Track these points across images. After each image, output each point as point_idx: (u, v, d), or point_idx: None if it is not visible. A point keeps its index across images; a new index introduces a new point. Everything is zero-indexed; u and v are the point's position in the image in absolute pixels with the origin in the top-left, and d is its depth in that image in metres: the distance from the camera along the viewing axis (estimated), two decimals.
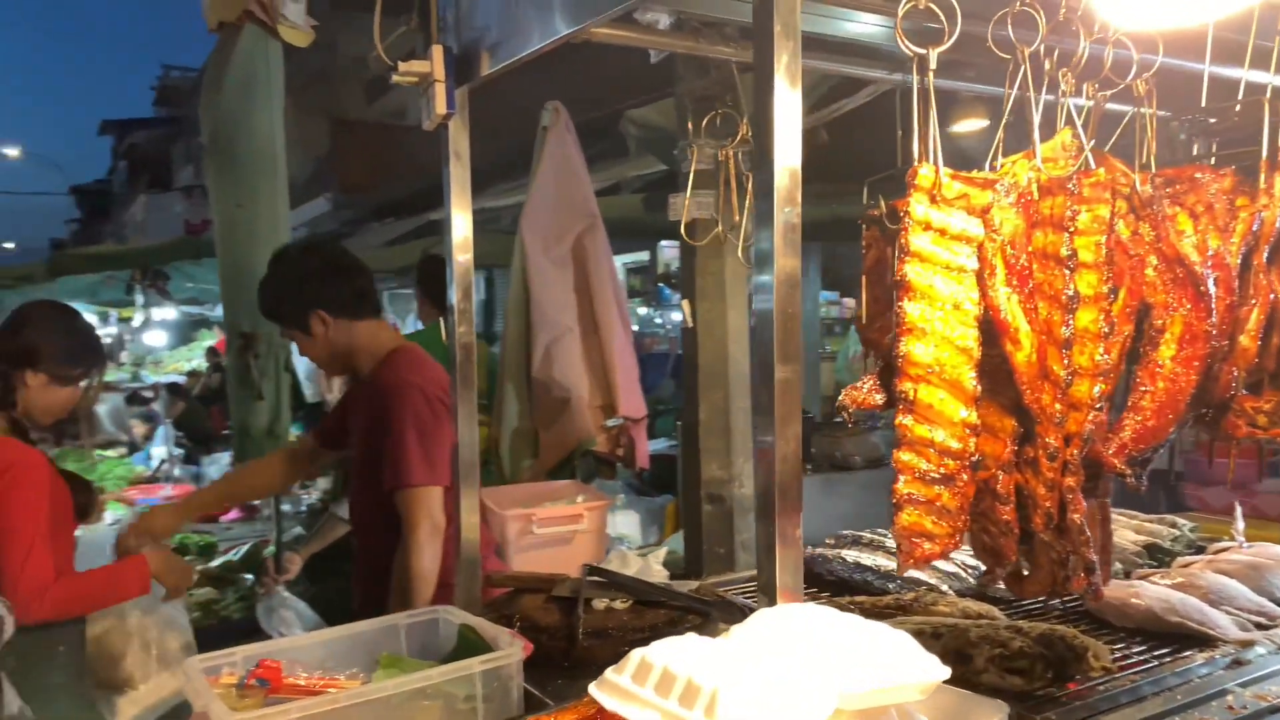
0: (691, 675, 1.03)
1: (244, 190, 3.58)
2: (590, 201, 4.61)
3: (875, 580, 2.33)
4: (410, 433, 2.58)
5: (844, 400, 1.40)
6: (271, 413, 3.59)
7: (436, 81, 2.00)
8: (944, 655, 1.75)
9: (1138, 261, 1.48)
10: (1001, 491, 1.38)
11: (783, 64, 1.25)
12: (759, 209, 1.26)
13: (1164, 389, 1.46)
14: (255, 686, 1.79)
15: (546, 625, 2.06)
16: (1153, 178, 1.56)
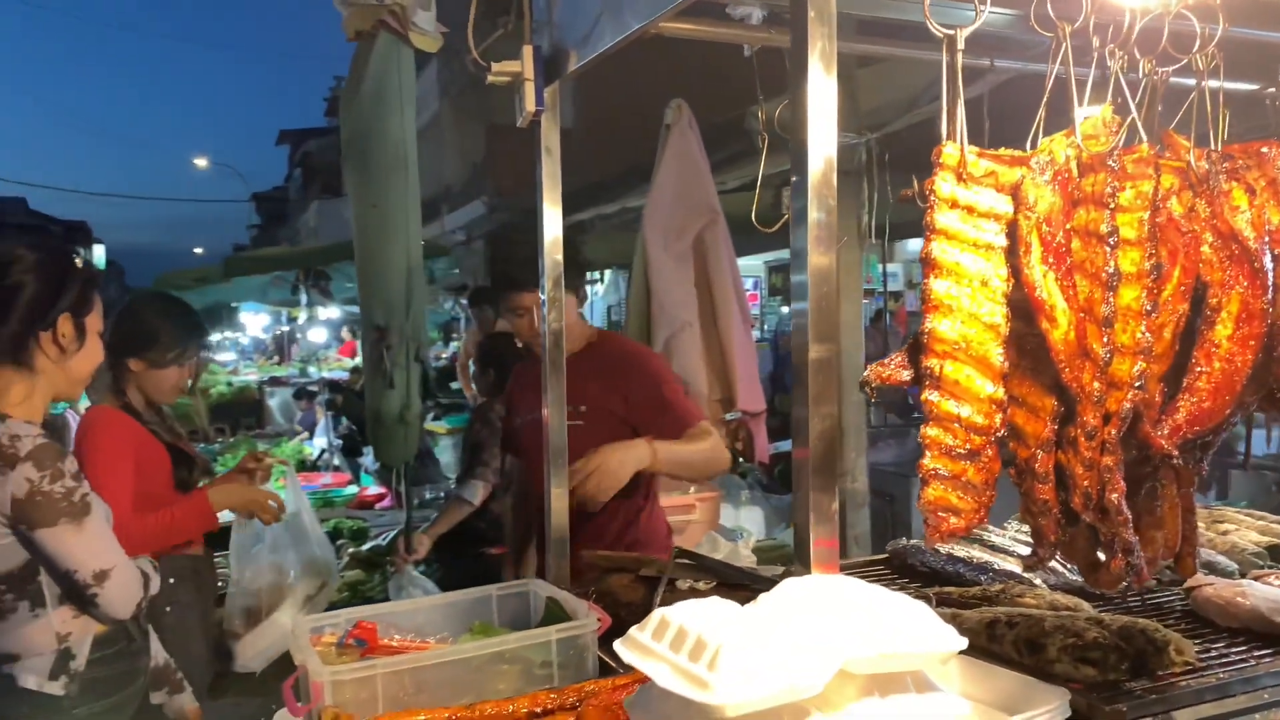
0: (701, 632, 1.08)
1: (378, 191, 3.79)
2: (711, 197, 4.66)
3: (967, 572, 2.30)
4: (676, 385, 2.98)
5: (868, 376, 1.41)
6: (402, 400, 3.79)
7: (526, 80, 2.11)
8: (1016, 644, 1.75)
9: (1192, 239, 1.43)
10: (1040, 471, 1.37)
11: (817, 50, 1.28)
12: (793, 189, 1.30)
13: (1220, 369, 1.40)
14: (353, 646, 1.93)
15: (628, 601, 2.13)
16: (1209, 153, 1.50)
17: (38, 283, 1.98)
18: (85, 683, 2.00)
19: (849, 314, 4.25)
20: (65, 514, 1.90)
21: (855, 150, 3.91)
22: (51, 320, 1.98)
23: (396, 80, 3.80)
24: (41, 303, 1.97)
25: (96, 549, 1.96)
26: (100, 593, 1.95)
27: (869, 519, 4.29)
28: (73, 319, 2.01)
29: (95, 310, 2.08)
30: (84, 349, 2.05)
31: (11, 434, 1.90)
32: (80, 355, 2.04)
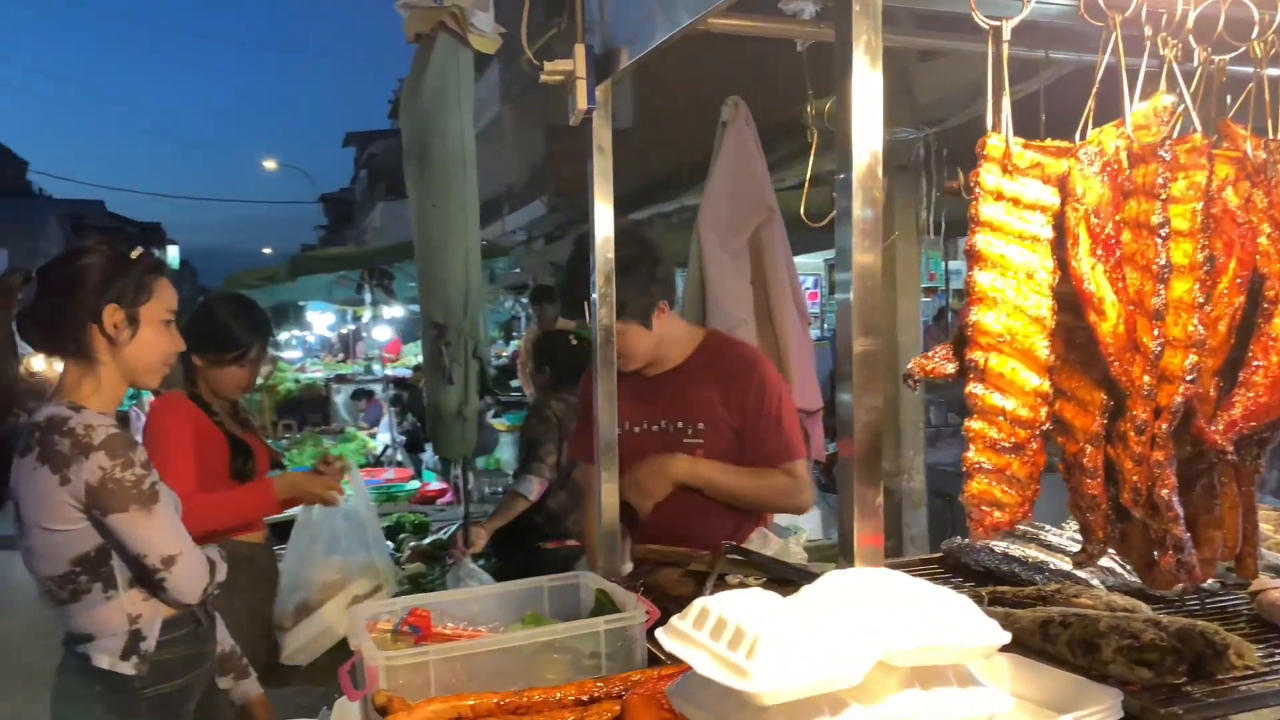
0: (741, 622, 1.09)
1: (437, 191, 3.86)
2: (768, 194, 4.64)
3: (1022, 571, 2.26)
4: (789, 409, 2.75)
5: (912, 368, 1.40)
6: (460, 396, 3.86)
7: (579, 79, 2.13)
8: (1070, 644, 1.73)
9: (1249, 230, 1.39)
10: (1089, 466, 1.35)
11: (862, 44, 1.28)
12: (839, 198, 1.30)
13: (1277, 363, 1.36)
14: (407, 633, 1.98)
15: (677, 595, 2.15)
16: (1267, 142, 1.45)
17: (90, 276, 2.05)
18: (155, 664, 2.07)
19: (906, 310, 4.20)
20: (135, 500, 1.98)
21: (913, 145, 3.87)
22: (99, 311, 2.05)
23: (455, 81, 3.86)
24: (92, 295, 2.04)
25: (164, 535, 2.03)
26: (168, 577, 2.02)
27: (926, 519, 4.24)
28: (122, 309, 2.07)
29: (156, 299, 2.12)
30: (139, 338, 2.09)
31: (86, 424, 1.97)
32: (136, 344, 2.09)
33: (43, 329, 2.07)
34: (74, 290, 2.04)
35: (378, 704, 1.52)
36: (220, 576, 2.22)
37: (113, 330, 2.05)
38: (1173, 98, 1.37)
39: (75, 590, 2.02)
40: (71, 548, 2.00)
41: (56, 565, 2.01)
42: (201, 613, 2.22)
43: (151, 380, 2.20)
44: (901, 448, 4.18)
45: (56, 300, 2.05)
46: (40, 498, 1.97)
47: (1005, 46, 1.30)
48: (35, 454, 1.97)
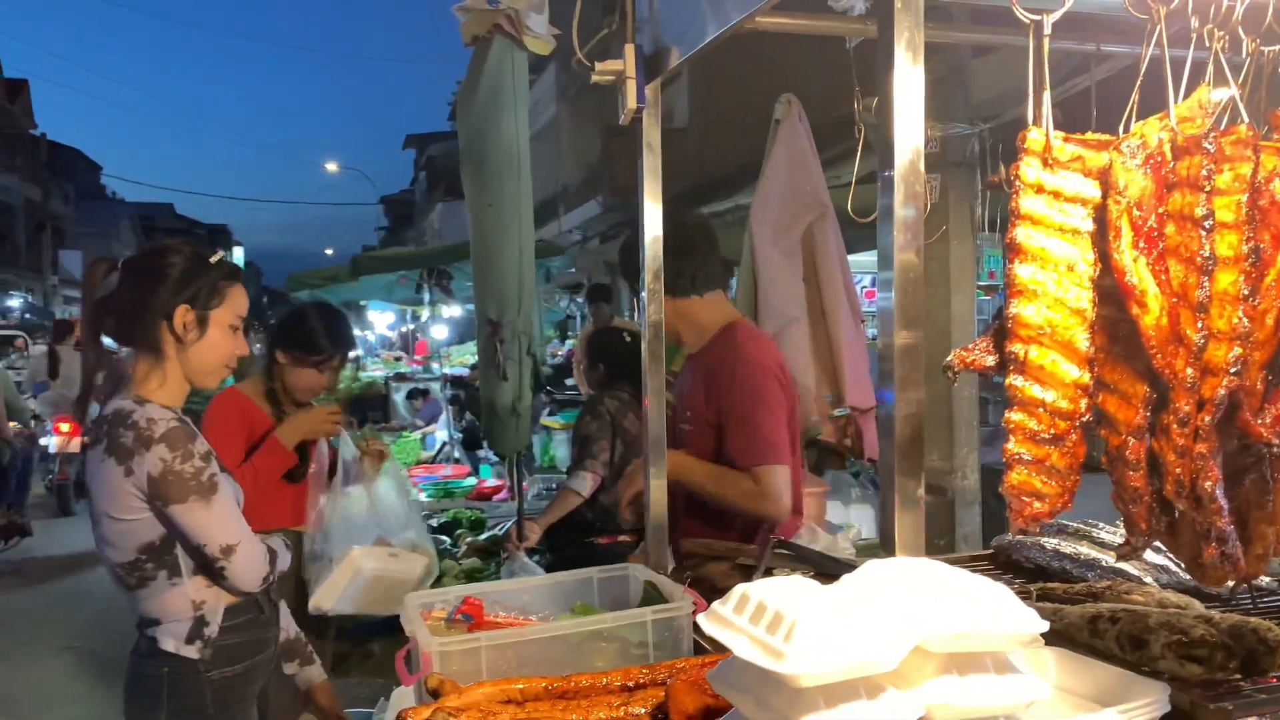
0: (780, 608, 1.11)
1: (493, 191, 3.92)
2: (822, 192, 4.64)
3: (1074, 568, 2.25)
4: (768, 412, 2.61)
5: (951, 360, 1.41)
6: (514, 392, 3.92)
7: (629, 78, 2.17)
8: (1119, 639, 1.72)
9: None
10: (1132, 458, 1.34)
11: (904, 41, 1.29)
12: (881, 182, 1.32)
13: None
14: (460, 621, 2.03)
15: (724, 588, 2.15)
16: None
17: (168, 276, 2.14)
18: (218, 648, 2.15)
19: (960, 308, 4.17)
20: (195, 492, 2.05)
21: (968, 141, 3.84)
22: (171, 310, 2.13)
23: (511, 83, 3.92)
24: (167, 294, 2.13)
25: (223, 525, 2.10)
26: (228, 566, 2.10)
27: (979, 517, 4.21)
28: (194, 311, 2.15)
29: (227, 305, 2.19)
30: (205, 339, 2.16)
31: (149, 417, 2.06)
32: (201, 345, 2.16)
33: (117, 319, 2.16)
34: (152, 286, 2.12)
35: (430, 687, 1.57)
36: (282, 565, 2.29)
37: (180, 329, 2.13)
38: (1219, 90, 1.37)
39: (142, 577, 2.10)
40: (137, 536, 2.08)
41: (125, 553, 2.09)
42: (264, 600, 2.29)
43: (209, 381, 2.27)
44: (955, 446, 4.15)
45: (134, 293, 2.14)
46: (107, 488, 2.05)
47: (1046, 41, 1.31)
48: (103, 446, 2.05)
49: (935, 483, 4.23)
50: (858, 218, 2.27)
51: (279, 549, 2.29)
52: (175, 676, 2.12)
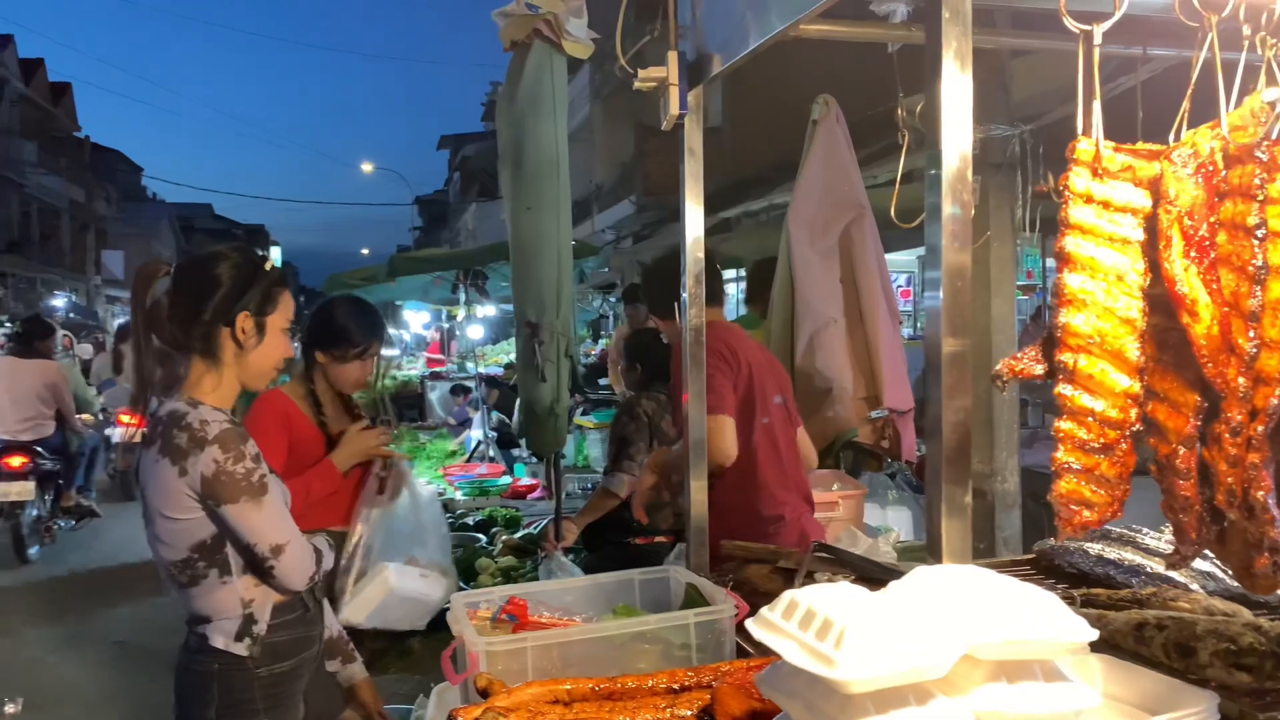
0: (829, 614, 1.13)
1: (531, 193, 3.95)
2: (859, 192, 4.62)
3: (1118, 574, 2.24)
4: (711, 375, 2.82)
5: (1000, 369, 1.41)
6: (553, 393, 3.95)
7: (671, 85, 2.18)
8: (1166, 647, 1.71)
9: None
10: (1182, 467, 1.34)
11: (952, 49, 1.30)
12: (929, 182, 1.32)
13: None
14: (505, 621, 2.06)
15: (765, 591, 2.19)
16: None
17: (227, 282, 2.18)
18: (266, 646, 2.19)
19: (1001, 310, 4.14)
20: (245, 492, 2.09)
21: (1008, 142, 3.81)
22: (233, 317, 2.17)
23: (550, 86, 3.95)
24: (227, 300, 2.17)
25: (273, 525, 2.14)
26: (276, 565, 2.14)
27: (1020, 521, 4.18)
28: (253, 317, 2.19)
29: (281, 309, 2.25)
30: (264, 345, 2.22)
31: (202, 419, 2.10)
32: (260, 350, 2.21)
33: (175, 325, 2.20)
34: (210, 292, 2.17)
35: (479, 686, 1.59)
36: (327, 565, 2.33)
37: (241, 335, 2.18)
38: (1272, 96, 1.36)
39: (194, 575, 2.14)
40: (190, 535, 2.12)
41: (177, 551, 2.14)
42: (309, 599, 2.33)
43: (262, 384, 2.32)
44: (995, 449, 4.12)
45: (191, 299, 2.18)
46: (161, 488, 2.10)
47: (1096, 51, 1.31)
48: (157, 446, 2.10)
49: (975, 486, 4.18)
50: (901, 223, 2.27)
51: (323, 549, 2.33)
52: (225, 673, 2.16)
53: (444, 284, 11.51)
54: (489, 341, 15.11)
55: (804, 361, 4.48)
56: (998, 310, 4.08)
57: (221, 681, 2.16)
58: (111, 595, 7.31)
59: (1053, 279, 1.49)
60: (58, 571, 8.24)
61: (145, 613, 6.67)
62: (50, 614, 7.03)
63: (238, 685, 2.17)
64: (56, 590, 7.68)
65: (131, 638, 6.21)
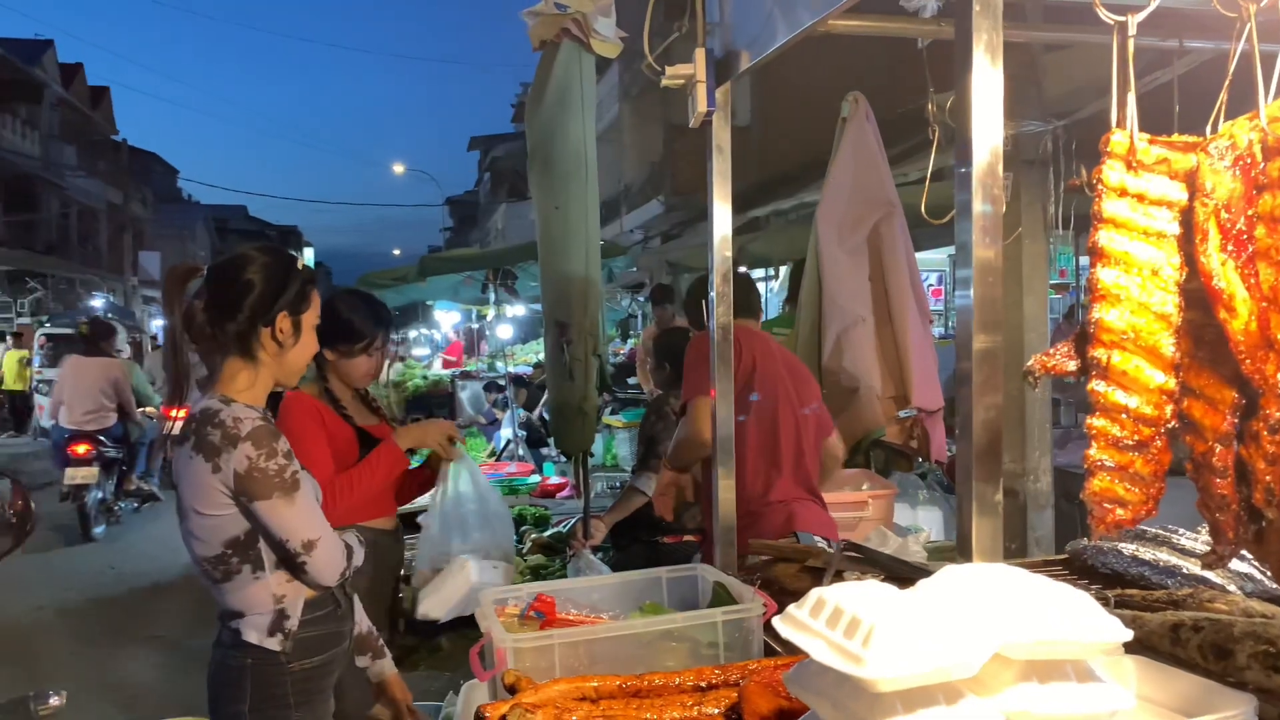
0: (857, 611, 1.12)
1: (560, 193, 3.97)
2: (889, 190, 4.59)
3: (1153, 575, 2.20)
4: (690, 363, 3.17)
5: (1032, 365, 1.39)
6: (581, 392, 3.96)
7: (699, 82, 2.18)
8: (1202, 649, 1.68)
9: None
10: (1219, 465, 1.31)
11: (983, 43, 1.28)
12: (958, 179, 1.31)
13: None
14: (533, 618, 2.06)
15: (794, 589, 2.17)
16: None
17: (264, 282, 2.20)
18: (298, 641, 2.21)
19: (1033, 308, 4.09)
20: (278, 488, 2.11)
21: (1040, 138, 3.77)
22: (272, 317, 2.20)
23: (578, 86, 3.96)
24: (265, 300, 2.20)
25: (305, 521, 2.16)
26: (309, 561, 2.16)
27: (1053, 520, 4.13)
28: (290, 316, 2.22)
29: (313, 307, 2.28)
30: (300, 342, 2.25)
31: (235, 416, 2.12)
32: (296, 348, 2.25)
33: (211, 326, 2.22)
34: (247, 293, 2.19)
35: (507, 683, 1.60)
36: (357, 561, 2.35)
37: (281, 335, 2.20)
38: None
39: (227, 571, 2.17)
40: (223, 531, 2.15)
41: (212, 547, 2.16)
42: (340, 595, 2.35)
43: (295, 381, 2.36)
44: (1027, 448, 4.08)
45: (228, 300, 2.20)
46: (195, 484, 2.12)
47: (1131, 43, 1.29)
48: (191, 443, 2.12)
49: (1007, 485, 4.15)
50: (931, 219, 2.25)
51: (354, 545, 2.35)
52: (258, 668, 2.18)
53: (474, 284, 11.56)
54: (518, 341, 15.16)
55: (831, 360, 4.45)
56: (1030, 308, 4.03)
57: (254, 677, 2.18)
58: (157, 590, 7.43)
59: (1086, 276, 1.47)
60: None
61: (187, 607, 6.76)
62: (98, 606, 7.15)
63: (270, 680, 2.19)
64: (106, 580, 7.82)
65: (170, 632, 6.29)
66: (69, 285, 32.48)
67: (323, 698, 2.29)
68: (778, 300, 15.67)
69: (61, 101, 35.96)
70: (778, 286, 15.30)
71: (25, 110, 33.20)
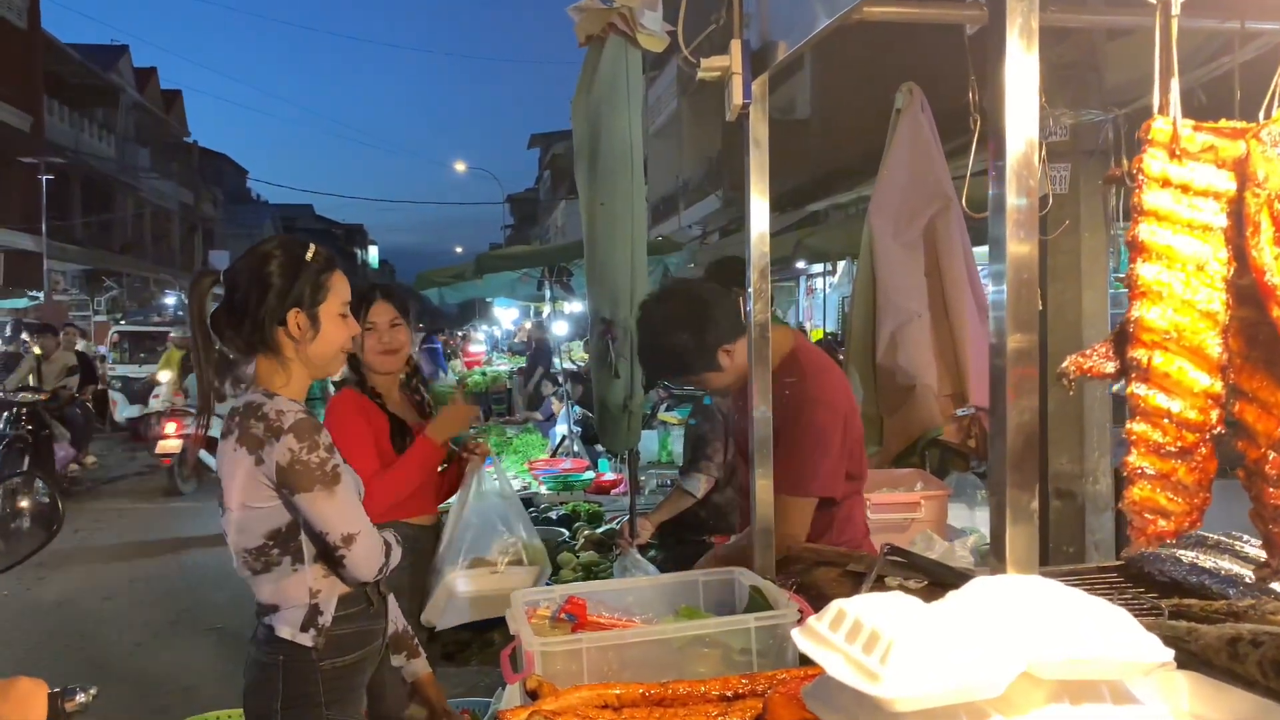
0: (876, 626, 1.06)
1: (606, 189, 3.92)
2: (944, 183, 4.48)
3: (1213, 584, 2.10)
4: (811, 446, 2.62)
5: (1067, 367, 1.32)
6: (626, 390, 3.92)
7: (735, 74, 2.13)
8: (1262, 665, 1.59)
9: None
10: (1272, 473, 1.23)
11: (1016, 28, 1.22)
12: (993, 174, 1.25)
13: None
14: (564, 620, 2.04)
15: (832, 595, 2.10)
16: None
17: (272, 281, 2.20)
18: (331, 638, 2.21)
19: (1093, 303, 3.95)
20: (319, 481, 2.12)
21: (1101, 128, 3.64)
22: (284, 315, 2.19)
23: (625, 81, 3.91)
24: (276, 300, 2.19)
25: (345, 514, 2.16)
26: (347, 555, 2.16)
27: (1112, 524, 3.99)
28: (305, 310, 2.21)
29: (332, 296, 2.24)
30: (321, 334, 2.23)
31: (278, 409, 2.13)
32: (318, 341, 2.23)
33: (233, 329, 2.24)
34: (259, 294, 2.20)
35: (529, 688, 1.57)
36: (395, 559, 2.34)
37: (297, 332, 2.20)
38: None
39: (268, 562, 2.18)
40: (266, 523, 2.16)
41: (253, 539, 2.17)
42: (374, 593, 2.34)
43: (333, 369, 2.34)
44: (1085, 449, 3.94)
45: (243, 303, 2.22)
46: (239, 477, 2.14)
47: (1174, 23, 1.21)
48: (235, 436, 2.14)
49: (1065, 487, 4.02)
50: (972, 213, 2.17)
51: (392, 543, 2.34)
52: (290, 664, 2.19)
53: (530, 281, 11.61)
54: (575, 338, 15.20)
55: (886, 357, 4.36)
56: (1089, 303, 3.89)
57: (286, 673, 2.19)
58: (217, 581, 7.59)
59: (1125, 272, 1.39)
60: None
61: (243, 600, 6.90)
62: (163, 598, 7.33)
63: (301, 677, 2.19)
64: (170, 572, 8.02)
65: (228, 624, 6.41)
66: (143, 284, 33.47)
67: (354, 696, 2.29)
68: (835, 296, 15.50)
69: (136, 105, 37.07)
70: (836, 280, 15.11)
71: (102, 114, 34.29)
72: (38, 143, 26.63)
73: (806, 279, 17.32)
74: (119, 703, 5.09)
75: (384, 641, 2.40)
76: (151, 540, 9.24)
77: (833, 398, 2.70)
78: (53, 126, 29.34)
